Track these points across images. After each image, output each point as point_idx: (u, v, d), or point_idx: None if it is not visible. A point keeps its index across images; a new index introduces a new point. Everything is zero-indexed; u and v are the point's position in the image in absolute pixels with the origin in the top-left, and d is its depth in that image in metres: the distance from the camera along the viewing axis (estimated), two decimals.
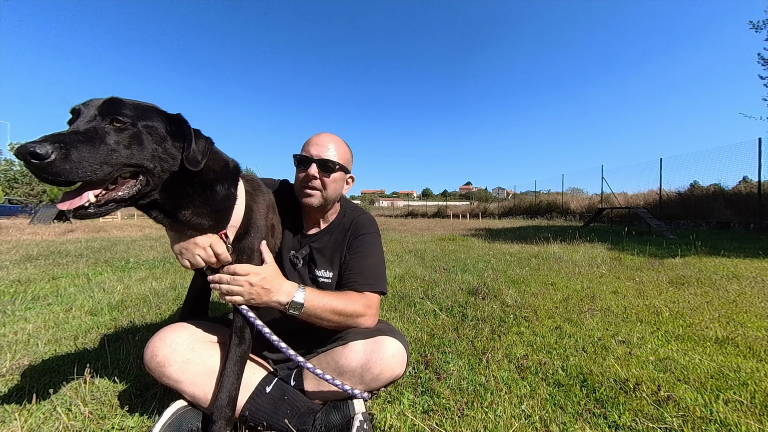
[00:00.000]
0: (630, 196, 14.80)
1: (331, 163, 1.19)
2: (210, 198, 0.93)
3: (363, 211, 1.38)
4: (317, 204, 1.22)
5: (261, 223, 1.07)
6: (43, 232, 8.32)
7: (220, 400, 0.94)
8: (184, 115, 0.86)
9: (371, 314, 1.18)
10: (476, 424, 1.07)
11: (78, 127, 0.73)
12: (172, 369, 0.99)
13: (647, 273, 3.48)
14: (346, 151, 1.27)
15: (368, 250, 1.27)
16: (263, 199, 1.12)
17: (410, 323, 2.04)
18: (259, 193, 1.11)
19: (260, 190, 1.14)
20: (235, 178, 1.02)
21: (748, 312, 2.21)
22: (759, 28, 9.27)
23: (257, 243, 1.05)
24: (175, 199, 0.88)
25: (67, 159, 0.66)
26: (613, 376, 1.36)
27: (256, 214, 1.06)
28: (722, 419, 1.08)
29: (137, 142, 0.77)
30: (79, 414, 1.11)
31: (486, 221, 18.06)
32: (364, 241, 1.28)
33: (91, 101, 0.79)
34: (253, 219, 1.05)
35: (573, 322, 2.05)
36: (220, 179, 0.95)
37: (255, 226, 1.05)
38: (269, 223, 1.13)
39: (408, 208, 35.21)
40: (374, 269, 1.24)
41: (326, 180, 1.20)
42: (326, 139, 1.23)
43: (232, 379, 0.96)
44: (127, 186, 0.79)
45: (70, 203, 0.72)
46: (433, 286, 2.97)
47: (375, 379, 1.06)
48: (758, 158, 9.15)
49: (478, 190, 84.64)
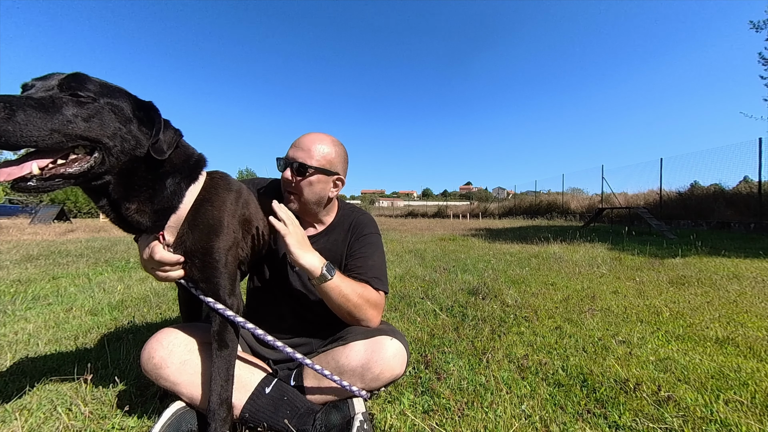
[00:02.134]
0: (630, 196, 14.80)
1: (303, 167, 1.14)
2: (157, 193, 0.86)
3: (362, 211, 1.37)
4: (294, 209, 1.20)
5: (219, 222, 0.97)
6: (44, 232, 8.32)
7: (211, 404, 0.92)
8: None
9: (379, 311, 1.19)
10: (476, 424, 1.06)
11: (32, 93, 0.67)
12: (169, 371, 0.99)
13: (647, 273, 3.48)
14: (330, 152, 1.20)
15: (371, 250, 1.26)
16: (228, 196, 1.02)
17: (410, 323, 2.04)
18: (221, 190, 1.02)
19: (225, 186, 1.04)
20: (192, 173, 0.95)
21: (748, 312, 2.21)
22: (759, 28, 9.26)
23: (215, 243, 0.95)
24: (126, 189, 0.82)
25: (10, 120, 0.60)
26: (614, 376, 1.36)
27: (212, 212, 0.96)
28: (723, 419, 1.08)
29: (98, 117, 0.73)
30: (80, 414, 1.11)
31: (486, 221, 18.06)
32: (366, 242, 1.27)
33: (52, 74, 0.73)
34: (206, 217, 0.95)
35: (573, 322, 2.05)
36: (174, 173, 0.89)
37: (208, 226, 0.95)
38: (239, 219, 1.05)
39: (408, 208, 35.22)
40: (377, 269, 1.23)
41: (302, 184, 1.16)
42: (309, 140, 1.18)
43: (221, 381, 0.93)
44: (79, 162, 0.72)
45: (9, 173, 0.64)
46: (434, 286, 2.97)
47: (375, 379, 1.06)
48: (759, 158, 9.14)
49: (479, 190, 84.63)
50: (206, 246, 0.94)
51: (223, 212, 0.99)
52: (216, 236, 0.96)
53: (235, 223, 1.03)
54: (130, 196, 0.83)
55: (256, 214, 1.15)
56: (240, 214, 1.06)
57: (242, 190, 1.10)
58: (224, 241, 0.97)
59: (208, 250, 0.94)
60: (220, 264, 0.96)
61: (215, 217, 0.97)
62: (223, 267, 0.97)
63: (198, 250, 0.94)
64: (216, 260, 0.95)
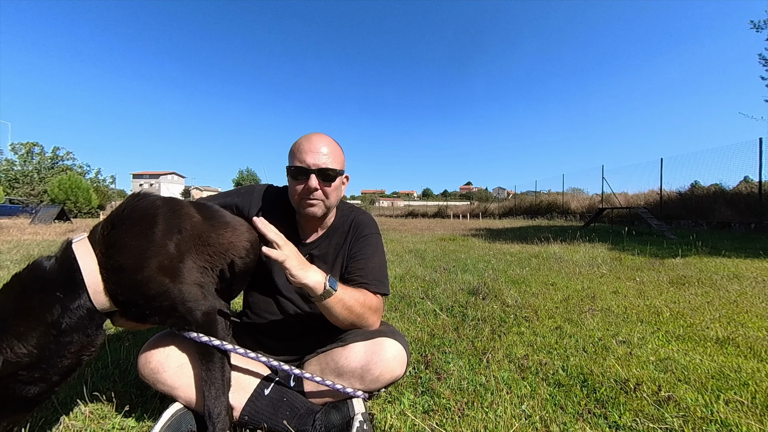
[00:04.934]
0: (630, 196, 14.80)
1: (332, 171, 1.12)
2: (63, 334, 0.80)
3: (362, 210, 1.35)
4: (321, 214, 1.17)
5: (141, 252, 0.86)
6: (44, 232, 8.33)
7: (207, 411, 0.92)
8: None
9: (379, 315, 1.17)
10: (476, 424, 1.06)
11: None
12: (166, 375, 0.99)
13: (648, 273, 3.48)
14: (340, 152, 1.20)
15: (371, 251, 1.23)
16: (132, 228, 0.89)
17: (411, 323, 2.03)
18: (126, 236, 0.88)
19: (126, 227, 0.89)
20: (62, 263, 0.84)
21: (748, 312, 2.21)
22: (760, 28, 9.24)
23: (146, 275, 0.85)
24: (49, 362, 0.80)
25: None
26: (614, 376, 1.36)
27: (122, 254, 0.86)
28: (723, 419, 1.08)
29: None
30: (80, 414, 1.11)
31: (486, 221, 18.06)
32: (367, 243, 1.24)
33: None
34: (118, 262, 0.85)
35: (573, 322, 2.04)
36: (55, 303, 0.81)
37: (127, 268, 0.85)
38: (179, 248, 0.92)
39: (408, 208, 35.21)
40: (378, 271, 1.21)
41: (328, 189, 1.14)
42: (319, 143, 1.13)
43: (214, 390, 0.92)
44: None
45: None
46: (434, 286, 2.97)
47: (375, 381, 1.05)
48: (759, 158, 9.13)
49: (479, 190, 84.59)
50: (140, 287, 0.85)
51: (135, 243, 0.88)
52: (142, 268, 0.85)
53: (167, 258, 0.90)
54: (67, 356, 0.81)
55: (207, 227, 1.03)
56: (174, 239, 0.93)
57: (152, 210, 0.95)
58: (152, 267, 0.86)
59: (143, 287, 0.86)
60: (164, 291, 0.87)
61: (129, 253, 0.87)
62: (170, 291, 0.88)
63: (135, 296, 0.86)
64: (157, 291, 0.87)
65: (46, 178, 24.86)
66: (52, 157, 27.29)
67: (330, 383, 1.03)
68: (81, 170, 28.39)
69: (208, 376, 0.93)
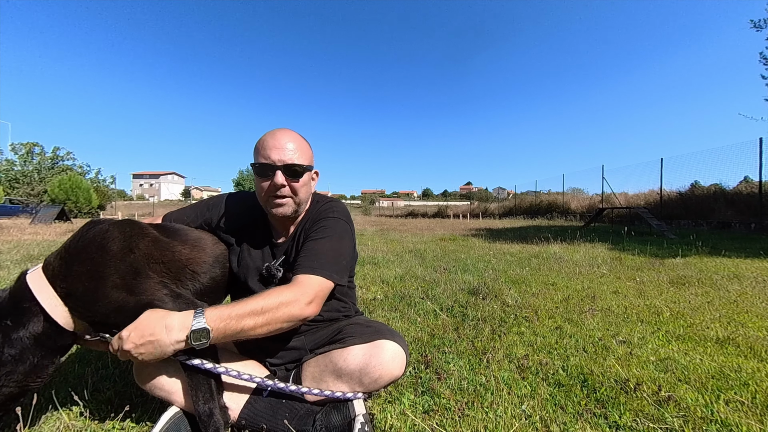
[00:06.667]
0: (631, 196, 14.80)
1: (298, 167, 1.08)
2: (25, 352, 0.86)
3: (332, 199, 1.27)
4: (291, 212, 1.13)
5: (97, 271, 0.90)
6: (44, 232, 8.33)
7: (198, 413, 0.92)
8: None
9: (305, 301, 0.96)
10: (477, 424, 1.06)
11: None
12: (163, 380, 0.99)
13: (648, 273, 3.48)
14: (307, 147, 1.15)
15: (322, 233, 1.12)
16: (94, 269, 0.91)
17: (410, 323, 2.03)
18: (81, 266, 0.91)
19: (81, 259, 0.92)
20: (16, 293, 0.89)
21: (749, 312, 2.21)
22: (760, 28, 9.23)
23: (105, 289, 0.90)
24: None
25: None
26: (614, 376, 1.36)
27: (83, 275, 0.90)
28: (723, 419, 1.08)
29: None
30: (80, 414, 1.12)
31: (486, 221, 18.05)
32: (320, 225, 1.14)
33: None
34: (80, 284, 0.89)
35: (573, 322, 2.04)
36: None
37: (87, 288, 0.89)
38: (132, 266, 0.95)
39: (408, 208, 35.19)
40: (323, 254, 1.07)
41: (296, 186, 1.10)
42: (284, 138, 1.09)
43: (201, 395, 0.93)
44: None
45: None
46: (434, 286, 2.97)
47: (374, 382, 1.05)
48: (759, 158, 9.14)
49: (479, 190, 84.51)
50: (98, 305, 0.90)
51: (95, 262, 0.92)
52: (97, 288, 0.89)
53: (126, 277, 0.93)
54: None
55: (163, 247, 1.05)
56: (131, 259, 0.96)
57: (102, 235, 0.97)
58: (107, 285, 0.90)
59: (102, 305, 0.90)
60: (122, 305, 0.90)
61: (84, 276, 0.90)
62: (128, 304, 0.91)
63: (95, 315, 0.91)
64: (115, 306, 0.90)
65: (46, 178, 24.84)
66: (52, 157, 27.27)
67: (329, 393, 1.02)
68: (81, 170, 28.37)
69: (193, 380, 0.94)
